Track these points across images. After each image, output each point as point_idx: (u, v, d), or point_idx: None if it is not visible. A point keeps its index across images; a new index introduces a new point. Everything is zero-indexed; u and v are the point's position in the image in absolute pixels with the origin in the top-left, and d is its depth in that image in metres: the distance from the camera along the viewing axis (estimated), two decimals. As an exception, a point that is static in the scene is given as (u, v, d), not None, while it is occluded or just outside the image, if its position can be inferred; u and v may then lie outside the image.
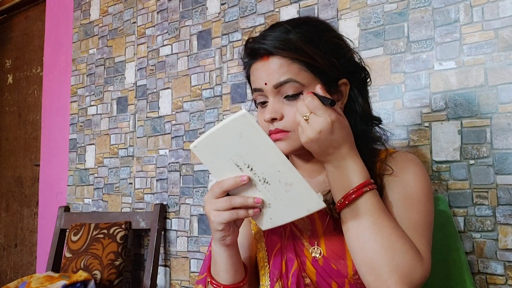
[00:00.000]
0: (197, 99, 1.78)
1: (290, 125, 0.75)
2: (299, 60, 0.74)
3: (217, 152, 0.65)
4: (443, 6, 1.21)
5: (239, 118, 0.61)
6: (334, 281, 0.75)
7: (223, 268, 0.75)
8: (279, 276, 0.80)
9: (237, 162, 0.65)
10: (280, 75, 0.74)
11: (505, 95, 1.11)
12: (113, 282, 1.71)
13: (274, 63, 0.75)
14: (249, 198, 0.67)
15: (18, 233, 2.73)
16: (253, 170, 0.65)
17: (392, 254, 0.65)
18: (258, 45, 0.76)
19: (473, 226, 1.13)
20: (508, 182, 1.09)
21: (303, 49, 0.74)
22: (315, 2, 1.47)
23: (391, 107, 1.28)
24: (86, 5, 2.31)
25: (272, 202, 0.67)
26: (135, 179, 1.98)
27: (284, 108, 0.75)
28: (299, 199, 0.65)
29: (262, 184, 0.66)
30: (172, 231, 1.82)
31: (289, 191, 0.65)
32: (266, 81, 0.75)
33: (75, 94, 2.30)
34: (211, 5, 1.77)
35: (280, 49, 0.74)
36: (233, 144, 0.63)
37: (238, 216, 0.68)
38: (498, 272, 1.09)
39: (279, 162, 0.63)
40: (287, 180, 0.64)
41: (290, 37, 0.74)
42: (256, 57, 0.78)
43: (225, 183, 0.67)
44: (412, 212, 0.73)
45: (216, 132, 0.63)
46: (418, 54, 1.25)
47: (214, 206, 0.68)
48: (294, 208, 0.67)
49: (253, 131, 0.62)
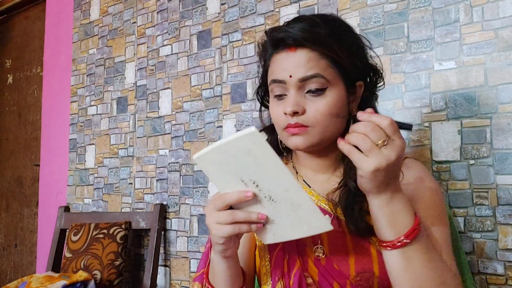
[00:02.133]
0: (197, 99, 1.78)
1: (311, 121, 0.73)
2: (327, 56, 0.72)
3: (221, 165, 0.63)
4: (443, 6, 1.21)
5: (248, 135, 0.58)
6: (336, 282, 0.74)
7: (221, 277, 0.74)
8: (281, 275, 0.79)
9: (242, 177, 0.63)
10: (308, 69, 0.72)
11: (505, 95, 1.11)
12: (113, 282, 1.71)
13: (303, 56, 0.72)
14: (252, 214, 0.64)
15: (18, 233, 2.73)
16: (258, 186, 0.62)
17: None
18: (285, 34, 0.73)
19: (473, 226, 1.13)
20: (508, 182, 1.09)
21: (332, 45, 0.72)
22: (315, 2, 1.47)
23: (391, 107, 1.27)
24: (86, 5, 2.31)
25: (277, 219, 0.65)
26: (135, 179, 1.98)
27: (306, 103, 0.73)
28: (305, 220, 0.63)
29: (268, 201, 0.63)
30: (172, 231, 1.82)
31: (296, 211, 0.63)
32: (292, 73, 0.72)
33: (75, 94, 2.30)
34: (211, 5, 1.77)
35: (310, 41, 0.71)
36: (239, 159, 0.61)
37: (241, 231, 0.65)
38: (498, 272, 1.09)
39: (287, 182, 0.60)
40: (294, 201, 0.62)
41: (319, 30, 0.72)
42: (281, 47, 0.74)
43: (228, 197, 0.64)
44: (440, 230, 0.73)
45: (222, 146, 0.60)
46: (418, 54, 1.25)
47: (215, 219, 0.65)
48: (299, 228, 0.65)
49: (261, 150, 0.59)
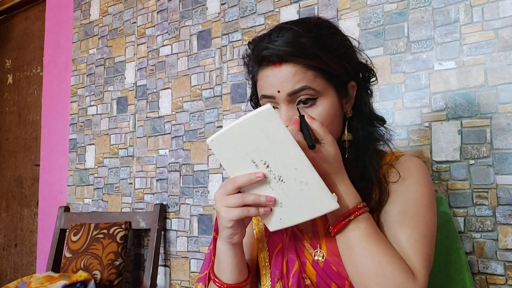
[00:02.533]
0: (197, 99, 1.78)
1: None
2: (313, 67, 0.71)
3: (234, 147, 0.64)
4: (443, 6, 1.21)
5: (263, 112, 0.60)
6: (334, 283, 0.75)
7: (227, 267, 0.74)
8: (280, 276, 0.80)
9: (254, 158, 0.64)
10: (294, 82, 0.70)
11: (505, 95, 1.11)
12: (113, 282, 1.71)
13: (288, 70, 0.71)
14: (261, 196, 0.66)
15: (18, 233, 2.73)
16: (269, 167, 0.64)
17: (383, 279, 0.65)
18: (268, 52, 0.71)
19: (473, 226, 1.13)
20: (508, 182, 1.09)
21: (318, 55, 0.71)
22: (315, 2, 1.47)
23: (391, 107, 1.27)
24: (86, 5, 2.31)
25: (285, 201, 0.66)
26: (135, 179, 1.98)
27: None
28: (312, 199, 0.65)
29: (277, 182, 0.65)
30: (172, 231, 1.82)
31: (304, 190, 0.64)
32: (279, 89, 0.71)
33: (75, 94, 2.30)
34: (211, 5, 1.77)
35: (294, 55, 0.70)
36: (252, 139, 0.63)
37: (249, 214, 0.67)
38: (498, 272, 1.09)
39: (298, 159, 0.62)
40: (303, 179, 0.64)
41: (302, 41, 0.70)
42: (265, 63, 0.73)
43: (238, 180, 0.66)
44: (412, 229, 0.71)
45: (237, 127, 0.62)
46: (418, 54, 1.25)
47: (225, 202, 0.67)
48: (306, 208, 0.66)
49: (275, 127, 0.61)
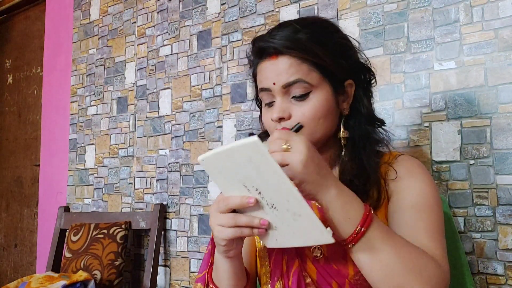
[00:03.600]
0: (197, 99, 1.78)
1: None
2: (308, 61, 0.74)
3: (224, 170, 0.63)
4: (443, 6, 1.21)
5: (249, 144, 0.57)
6: (335, 281, 0.75)
7: (225, 276, 0.74)
8: (280, 275, 0.80)
9: (245, 183, 0.62)
10: (289, 75, 0.73)
11: (505, 95, 1.11)
12: (113, 282, 1.71)
13: (283, 63, 0.74)
14: (255, 219, 0.64)
15: (18, 233, 2.73)
16: (261, 194, 0.62)
17: (419, 274, 0.63)
18: (266, 44, 0.75)
19: (473, 226, 1.13)
20: (508, 182, 1.09)
21: (312, 50, 0.73)
22: (315, 2, 1.47)
23: (391, 107, 1.27)
24: (86, 5, 2.31)
25: (279, 226, 0.64)
26: (135, 179, 1.98)
27: (291, 108, 0.75)
28: (307, 230, 0.63)
29: (270, 209, 0.63)
30: (172, 231, 1.82)
31: (297, 221, 0.62)
32: (275, 81, 0.74)
33: (75, 94, 2.30)
34: (211, 5, 1.77)
35: (290, 48, 0.73)
36: (242, 166, 0.60)
37: (242, 234, 0.65)
38: (498, 272, 1.09)
39: (289, 193, 0.60)
40: (296, 211, 0.61)
41: (299, 36, 0.74)
42: (264, 56, 0.76)
43: (231, 201, 0.64)
44: (426, 220, 0.72)
45: (225, 152, 0.60)
46: (418, 54, 1.25)
47: (218, 221, 0.65)
48: (301, 236, 0.64)
49: (263, 160, 0.58)
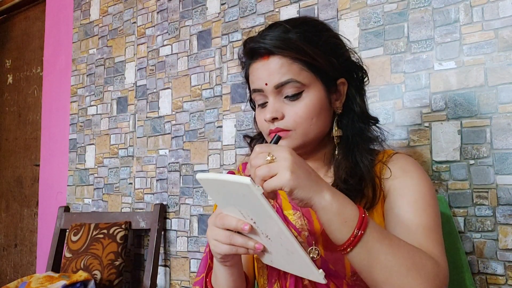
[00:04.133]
0: (197, 99, 1.78)
1: (291, 124, 0.75)
2: (299, 60, 0.74)
3: (221, 194, 0.63)
4: (443, 6, 1.21)
5: (242, 185, 0.57)
6: (332, 282, 0.75)
7: (223, 282, 0.74)
8: (277, 277, 0.80)
9: (241, 211, 0.62)
10: (281, 75, 0.74)
11: (505, 95, 1.11)
12: (113, 282, 1.71)
13: (275, 63, 0.74)
14: (250, 241, 0.63)
15: (18, 233, 2.73)
16: (256, 223, 0.62)
17: (418, 273, 0.62)
18: (257, 45, 0.75)
19: (473, 226, 1.13)
20: (508, 182, 1.09)
21: (303, 49, 0.73)
22: (315, 2, 1.47)
23: (391, 107, 1.27)
24: (86, 5, 2.31)
25: (274, 253, 0.64)
26: (135, 179, 1.98)
27: (284, 108, 0.75)
28: (300, 266, 0.62)
29: (265, 238, 0.62)
30: (172, 231, 1.82)
31: (290, 256, 0.61)
32: (267, 81, 0.75)
33: (75, 94, 2.30)
34: (211, 5, 1.77)
35: (281, 48, 0.73)
36: (237, 198, 0.60)
37: (237, 252, 0.64)
38: (498, 272, 1.09)
39: (282, 234, 0.59)
40: (289, 249, 0.61)
41: (290, 36, 0.74)
42: (255, 56, 0.77)
43: (227, 221, 0.63)
44: (423, 217, 0.72)
45: (221, 182, 0.60)
46: (418, 54, 1.25)
47: (214, 235, 0.65)
48: (295, 269, 0.64)
49: (256, 201, 0.58)
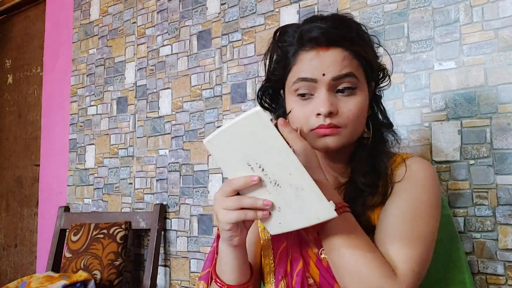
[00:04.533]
0: (197, 99, 1.78)
1: (344, 121, 0.73)
2: (359, 56, 0.73)
3: (229, 149, 0.63)
4: (443, 6, 1.21)
5: (252, 115, 0.57)
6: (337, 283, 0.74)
7: (228, 268, 0.73)
8: (284, 275, 0.79)
9: (249, 161, 0.62)
10: (342, 67, 0.72)
11: (505, 95, 1.11)
12: (113, 282, 1.71)
13: (337, 55, 0.72)
14: (258, 200, 0.64)
15: (18, 233, 2.73)
16: (264, 170, 0.62)
17: (359, 278, 0.66)
18: (319, 32, 0.72)
19: (473, 226, 1.13)
20: (508, 182, 1.09)
21: (363, 46, 0.73)
22: (315, 2, 1.47)
23: (391, 107, 1.27)
24: (86, 5, 2.31)
25: (282, 206, 0.64)
26: (135, 179, 1.98)
27: (338, 103, 0.73)
28: (309, 206, 0.62)
29: (273, 187, 0.63)
30: (172, 231, 1.82)
31: (300, 196, 0.62)
32: (325, 72, 0.72)
33: (75, 94, 2.30)
34: (211, 5, 1.77)
35: (345, 40, 0.72)
36: (245, 142, 0.60)
37: (247, 217, 0.65)
38: (498, 272, 1.09)
39: (291, 165, 0.59)
40: (298, 185, 0.61)
41: (351, 31, 0.73)
42: (310, 45, 0.73)
43: (235, 182, 0.64)
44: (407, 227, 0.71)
45: (229, 129, 0.60)
46: (418, 54, 1.25)
47: (223, 204, 0.66)
48: (304, 215, 0.64)
49: (266, 130, 0.58)
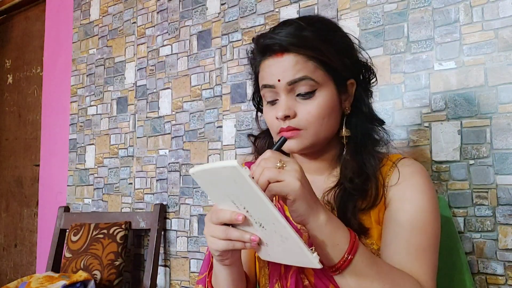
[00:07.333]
0: (197, 99, 1.78)
1: (303, 123, 0.74)
2: (314, 58, 0.73)
3: (213, 185, 0.63)
4: (443, 6, 1.21)
5: (229, 168, 0.56)
6: (332, 284, 0.74)
7: (223, 283, 0.74)
8: (278, 277, 0.79)
9: (233, 200, 0.62)
10: (295, 72, 0.73)
11: (505, 95, 1.11)
12: (113, 282, 1.71)
13: (289, 60, 0.73)
14: (246, 234, 0.62)
15: (18, 233, 2.73)
16: (248, 212, 0.61)
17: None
18: (272, 41, 0.74)
19: (473, 227, 1.13)
20: (508, 182, 1.09)
21: (319, 47, 0.73)
22: (315, 2, 1.47)
23: (391, 107, 1.27)
24: (86, 5, 2.31)
25: (270, 243, 0.63)
26: (135, 179, 1.98)
27: (296, 106, 0.74)
28: (295, 252, 0.61)
29: (259, 227, 0.62)
30: (172, 231, 1.82)
31: (285, 243, 0.61)
32: (280, 78, 0.74)
33: (75, 94, 2.30)
34: (211, 5, 1.77)
35: (296, 45, 0.73)
36: (228, 185, 0.60)
37: (235, 248, 0.64)
38: (498, 272, 1.09)
39: (273, 217, 0.58)
40: (282, 234, 0.60)
41: (305, 34, 0.73)
42: (268, 53, 0.76)
43: (221, 215, 0.63)
44: (418, 237, 0.71)
45: (210, 170, 0.60)
46: (418, 54, 1.25)
47: (211, 232, 0.65)
48: (292, 257, 0.64)
49: (245, 184, 0.57)
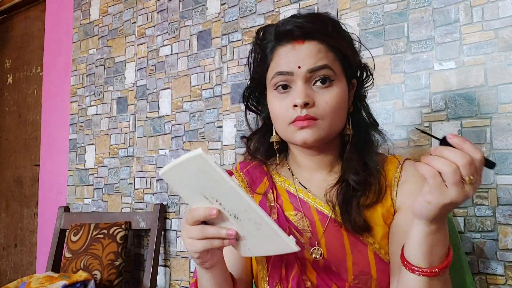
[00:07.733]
0: (197, 99, 1.78)
1: (321, 113, 0.73)
2: (335, 49, 0.74)
3: (183, 182, 0.62)
4: (443, 6, 1.21)
5: (195, 158, 0.55)
6: (335, 284, 0.74)
7: (207, 286, 0.73)
8: (278, 280, 0.78)
9: (205, 195, 0.61)
10: (317, 59, 0.72)
11: (505, 95, 1.11)
12: (113, 282, 1.71)
13: (312, 47, 0.73)
14: (222, 230, 0.62)
15: (18, 233, 2.73)
16: (221, 204, 0.60)
17: None
18: (294, 26, 0.73)
19: (473, 227, 1.13)
20: (508, 182, 1.09)
21: (339, 39, 0.73)
22: (315, 2, 1.47)
23: (391, 107, 1.27)
24: (86, 5, 2.31)
25: (246, 235, 0.63)
26: (135, 179, 1.98)
27: (314, 95, 0.73)
28: (271, 239, 0.60)
29: (234, 219, 0.61)
30: (172, 231, 1.82)
31: (260, 230, 0.60)
32: (301, 64, 0.72)
33: (75, 94, 2.30)
34: (211, 5, 1.77)
35: (320, 32, 0.72)
36: (197, 179, 0.59)
37: (213, 246, 0.63)
38: (498, 272, 1.09)
39: (245, 203, 0.57)
40: (256, 220, 0.59)
41: (327, 24, 0.73)
42: (287, 39, 0.74)
43: (195, 213, 0.63)
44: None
45: (177, 166, 0.58)
46: (418, 54, 1.25)
47: (188, 233, 0.64)
48: (269, 245, 0.63)
49: (213, 172, 0.56)
